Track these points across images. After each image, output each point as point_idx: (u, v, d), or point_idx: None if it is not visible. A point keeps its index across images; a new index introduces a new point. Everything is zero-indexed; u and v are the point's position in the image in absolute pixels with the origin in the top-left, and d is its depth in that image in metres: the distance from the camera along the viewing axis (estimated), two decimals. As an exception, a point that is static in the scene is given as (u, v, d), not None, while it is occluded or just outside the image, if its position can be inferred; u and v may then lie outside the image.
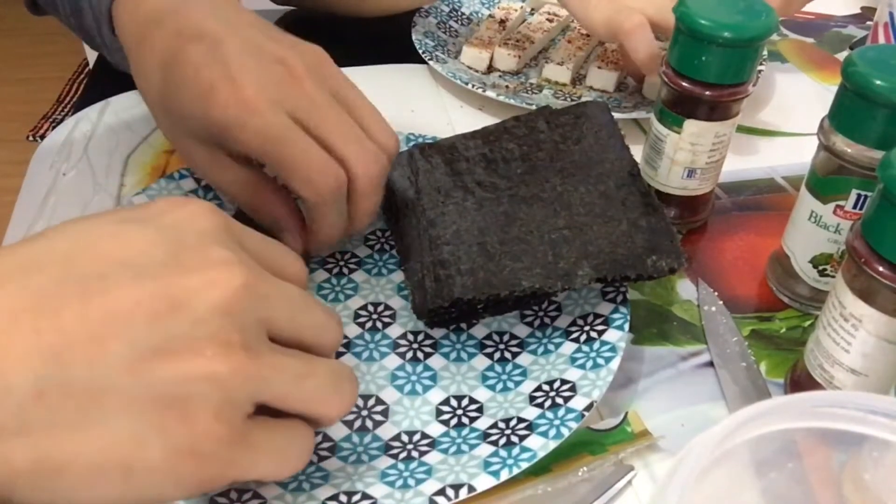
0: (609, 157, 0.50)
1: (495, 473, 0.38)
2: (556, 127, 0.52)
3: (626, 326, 0.45)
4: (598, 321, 0.46)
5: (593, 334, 0.45)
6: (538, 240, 0.46)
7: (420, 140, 0.56)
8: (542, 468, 0.41)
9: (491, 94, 0.64)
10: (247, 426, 0.30)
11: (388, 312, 0.49)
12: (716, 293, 0.52)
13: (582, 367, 0.44)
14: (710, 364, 0.48)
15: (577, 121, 0.52)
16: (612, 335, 0.45)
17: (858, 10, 0.84)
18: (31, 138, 2.06)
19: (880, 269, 0.38)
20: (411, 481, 0.39)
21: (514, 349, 0.47)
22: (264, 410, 0.31)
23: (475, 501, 0.39)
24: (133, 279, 0.28)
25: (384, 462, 0.41)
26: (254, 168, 0.46)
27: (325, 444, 0.42)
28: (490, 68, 0.70)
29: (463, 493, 0.37)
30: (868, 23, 0.79)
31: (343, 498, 0.38)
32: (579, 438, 0.42)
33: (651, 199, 0.48)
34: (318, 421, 0.34)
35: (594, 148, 0.51)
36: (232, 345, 0.28)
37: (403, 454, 0.41)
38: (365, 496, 0.38)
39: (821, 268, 0.49)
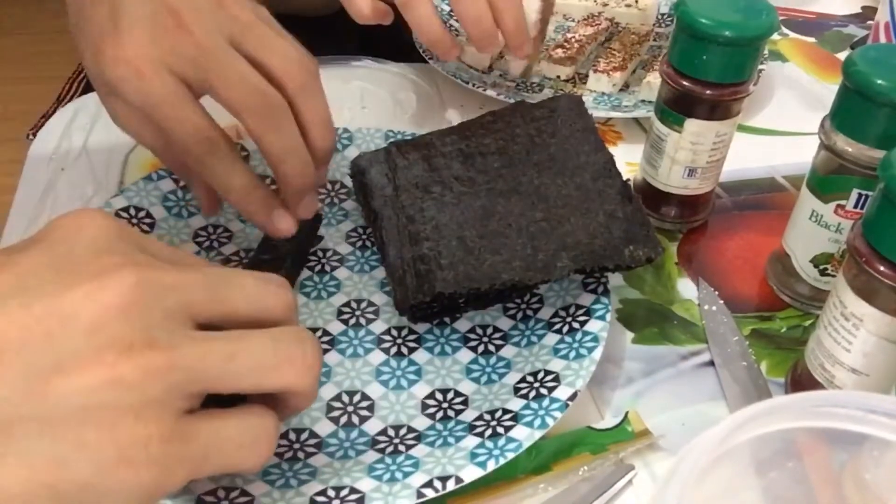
0: (584, 149, 0.50)
1: (482, 464, 0.38)
2: (532, 121, 0.52)
3: (608, 316, 0.45)
4: (580, 312, 0.46)
5: (575, 325, 0.46)
6: (517, 233, 0.46)
7: (398, 137, 0.56)
8: (542, 467, 0.41)
9: (491, 93, 0.64)
10: (184, 421, 0.29)
11: (371, 309, 0.49)
12: (716, 292, 0.52)
13: (565, 357, 0.44)
14: (711, 363, 0.48)
15: (551, 115, 0.52)
16: (594, 325, 0.45)
17: (859, 10, 0.84)
18: (30, 137, 2.05)
19: (881, 268, 0.38)
20: (399, 475, 0.39)
21: (498, 342, 0.47)
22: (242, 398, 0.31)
23: (475, 500, 0.39)
24: (20, 305, 0.27)
25: (371, 456, 0.41)
26: None
27: (312, 441, 0.42)
28: (491, 67, 0.70)
29: (450, 485, 0.37)
30: (869, 22, 0.79)
31: (331, 493, 0.38)
32: (579, 438, 0.42)
33: (627, 190, 0.48)
34: (285, 394, 0.32)
35: (569, 141, 0.51)
36: (134, 345, 0.27)
37: (390, 448, 0.41)
38: (353, 490, 0.38)
39: (821, 267, 0.49)
